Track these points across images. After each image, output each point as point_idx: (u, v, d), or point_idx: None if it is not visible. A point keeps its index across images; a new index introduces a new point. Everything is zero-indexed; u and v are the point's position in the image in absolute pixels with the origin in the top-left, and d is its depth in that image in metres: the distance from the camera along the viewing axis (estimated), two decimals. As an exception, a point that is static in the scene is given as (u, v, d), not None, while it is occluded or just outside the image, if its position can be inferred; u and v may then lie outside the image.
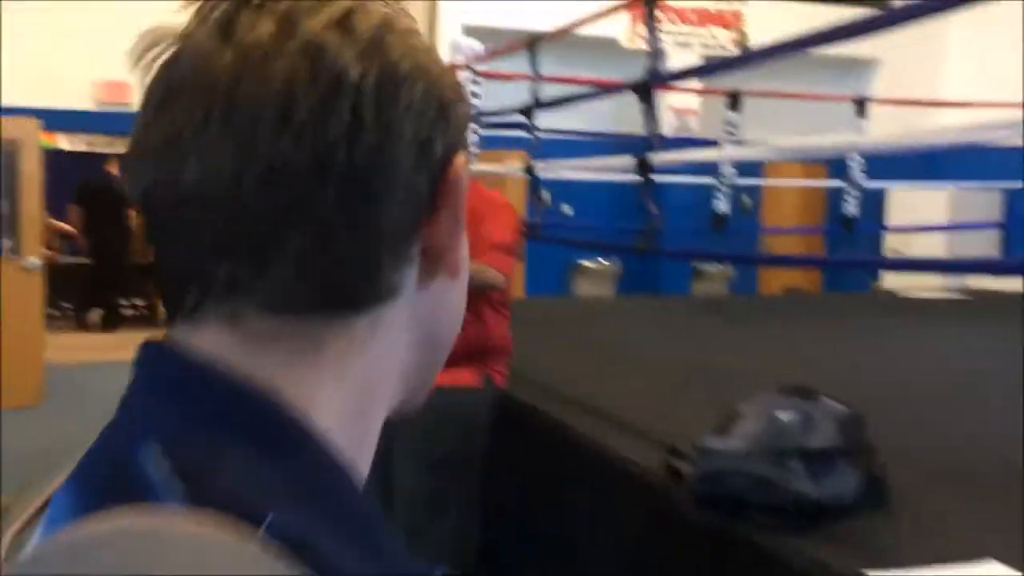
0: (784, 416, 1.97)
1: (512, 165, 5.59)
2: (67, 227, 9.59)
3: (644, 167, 2.85)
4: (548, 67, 4.35)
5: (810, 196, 9.59)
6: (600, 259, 9.20)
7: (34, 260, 6.16)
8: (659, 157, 2.87)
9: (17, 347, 5.94)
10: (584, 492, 2.47)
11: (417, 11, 8.41)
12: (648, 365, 3.76)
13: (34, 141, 6.34)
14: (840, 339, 4.63)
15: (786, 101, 7.17)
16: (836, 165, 6.44)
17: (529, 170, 4.13)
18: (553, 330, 4.58)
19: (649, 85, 2.82)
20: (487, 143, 6.32)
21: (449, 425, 2.89)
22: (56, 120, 7.28)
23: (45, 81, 7.40)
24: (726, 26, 8.86)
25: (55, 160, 8.45)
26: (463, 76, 5.21)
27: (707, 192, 6.04)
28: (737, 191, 5.94)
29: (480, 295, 2.95)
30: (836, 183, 6.24)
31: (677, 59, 7.61)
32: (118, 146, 11.42)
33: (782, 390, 2.11)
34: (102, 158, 10.00)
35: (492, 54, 5.13)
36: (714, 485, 1.94)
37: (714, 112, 8.06)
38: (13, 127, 6.15)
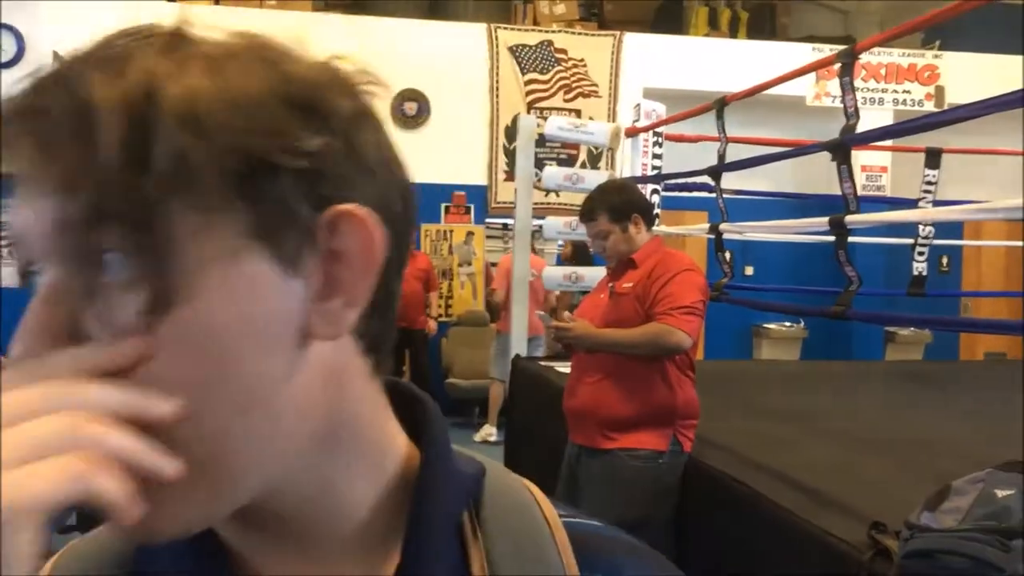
0: (1004, 494, 1.85)
1: (695, 226, 5.56)
2: None
3: (841, 229, 2.77)
4: (730, 127, 4.33)
5: (1016, 256, 8.97)
6: (785, 322, 8.93)
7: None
8: (856, 218, 2.78)
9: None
10: (779, 564, 2.38)
11: (600, 75, 8.58)
12: (843, 434, 3.60)
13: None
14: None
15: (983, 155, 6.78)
16: (1047, 224, 6.00)
17: (715, 231, 4.09)
18: (739, 394, 4.47)
19: (847, 146, 2.75)
20: (670, 204, 6.31)
21: (634, 489, 2.87)
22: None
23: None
24: (920, 81, 8.52)
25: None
26: (647, 138, 5.25)
27: (900, 253, 5.77)
28: (935, 252, 5.67)
29: (667, 357, 2.94)
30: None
31: (868, 116, 7.37)
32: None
33: (1001, 465, 1.97)
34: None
35: (674, 117, 5.16)
36: (926, 565, 1.83)
37: (905, 168, 7.74)
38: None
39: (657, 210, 4.93)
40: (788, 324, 8.91)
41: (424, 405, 0.53)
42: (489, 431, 7.13)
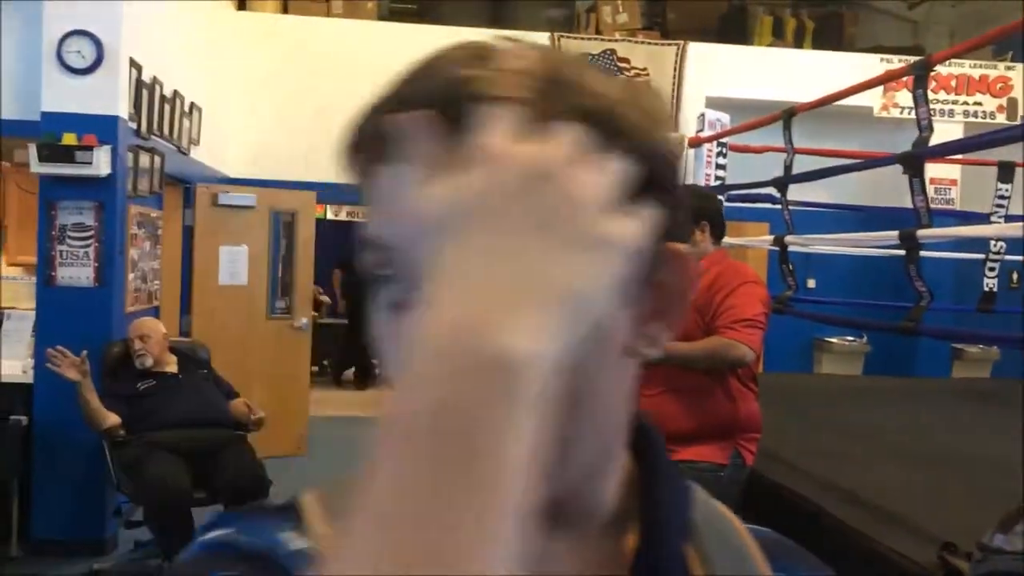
0: (1082, 518, 1.80)
1: (758, 237, 5.50)
2: (322, 297, 10.46)
3: (913, 243, 2.72)
4: (794, 138, 4.28)
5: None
6: (847, 336, 8.77)
7: (304, 320, 6.70)
8: (928, 232, 2.73)
9: (286, 400, 6.46)
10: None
11: (662, 84, 8.54)
12: (907, 452, 3.53)
13: (310, 212, 6.96)
14: None
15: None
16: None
17: (780, 243, 4.04)
18: (802, 408, 4.41)
19: (921, 158, 2.70)
20: (730, 215, 6.25)
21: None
22: (325, 192, 7.96)
23: (319, 158, 8.13)
24: (992, 93, 8.33)
25: (322, 228, 9.23)
26: (711, 148, 5.22)
27: (967, 267, 5.63)
28: (1004, 267, 5.51)
29: (729, 371, 2.92)
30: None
31: (937, 128, 7.21)
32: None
33: (1078, 489, 1.92)
34: (362, 226, 10.82)
35: (739, 127, 5.11)
36: (999, 588, 1.78)
37: (975, 182, 7.56)
38: (294, 199, 6.79)
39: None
40: (850, 338, 8.75)
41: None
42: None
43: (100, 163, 4.52)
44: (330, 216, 12.41)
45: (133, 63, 4.81)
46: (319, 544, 0.50)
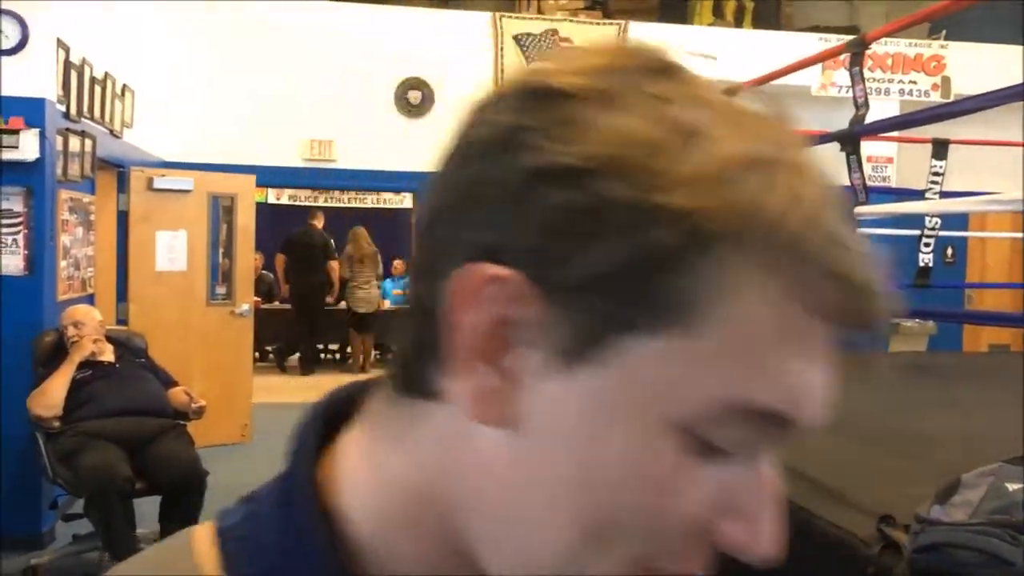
0: (1015, 487, 1.83)
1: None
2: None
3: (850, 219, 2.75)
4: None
5: (1019, 248, 8.95)
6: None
7: (245, 306, 6.59)
8: (865, 209, 2.76)
9: (229, 388, 6.36)
10: (783, 558, 2.37)
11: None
12: (846, 426, 3.58)
13: (249, 196, 6.84)
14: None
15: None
16: (1053, 215, 5.97)
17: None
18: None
19: (857, 136, 2.73)
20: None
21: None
22: (265, 176, 7.82)
23: (258, 140, 7.97)
24: (927, 71, 8.48)
25: (263, 212, 9.07)
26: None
27: (903, 243, 5.73)
28: (940, 243, 5.63)
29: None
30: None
31: (874, 106, 7.33)
32: (321, 199, 12.15)
33: (1011, 459, 1.96)
34: (306, 211, 10.66)
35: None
36: (936, 559, 1.81)
37: (911, 159, 7.70)
38: (232, 183, 6.66)
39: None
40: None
41: None
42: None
43: (27, 147, 4.37)
44: (271, 200, 12.24)
45: (60, 44, 4.65)
46: None
